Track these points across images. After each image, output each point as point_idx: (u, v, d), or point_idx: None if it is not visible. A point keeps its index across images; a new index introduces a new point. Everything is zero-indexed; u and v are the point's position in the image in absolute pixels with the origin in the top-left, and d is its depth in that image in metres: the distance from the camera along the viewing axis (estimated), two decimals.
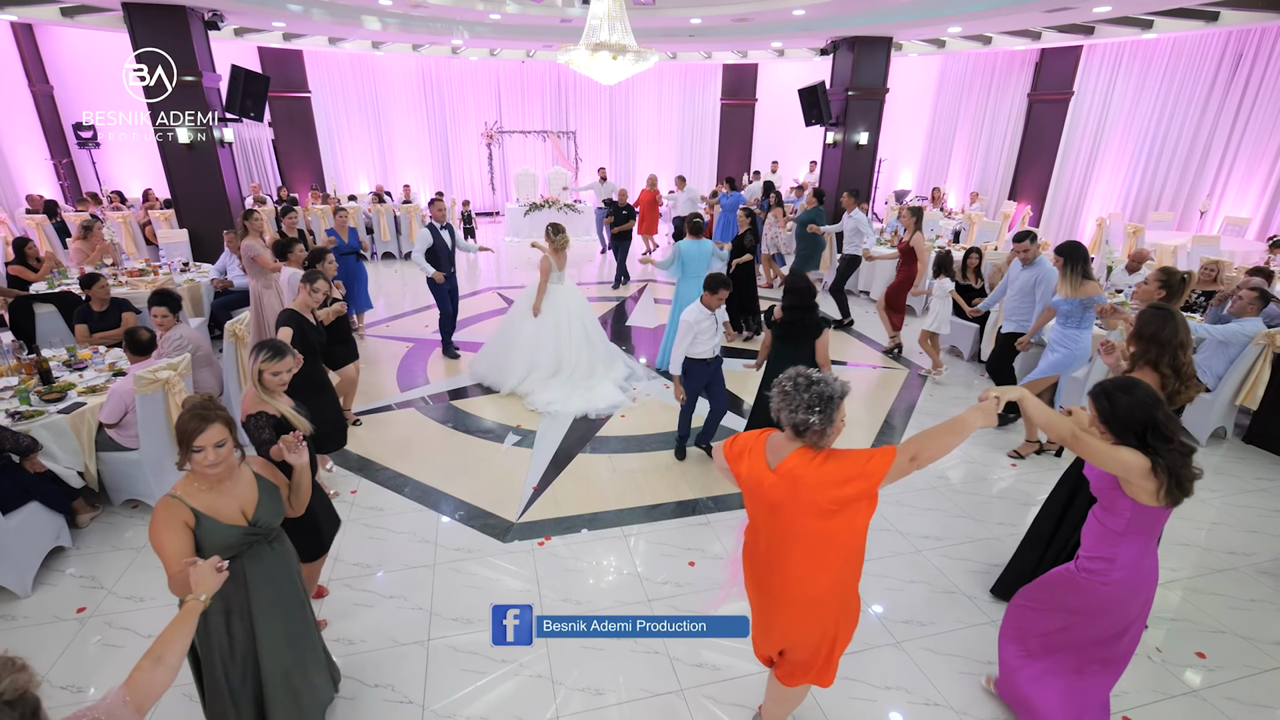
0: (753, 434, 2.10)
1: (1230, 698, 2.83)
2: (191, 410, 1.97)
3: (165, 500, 1.97)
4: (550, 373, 5.73)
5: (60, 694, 2.80)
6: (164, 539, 1.91)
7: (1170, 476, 1.98)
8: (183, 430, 1.95)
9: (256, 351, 2.57)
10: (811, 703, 2.78)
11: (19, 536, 3.34)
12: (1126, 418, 2.03)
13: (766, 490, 1.97)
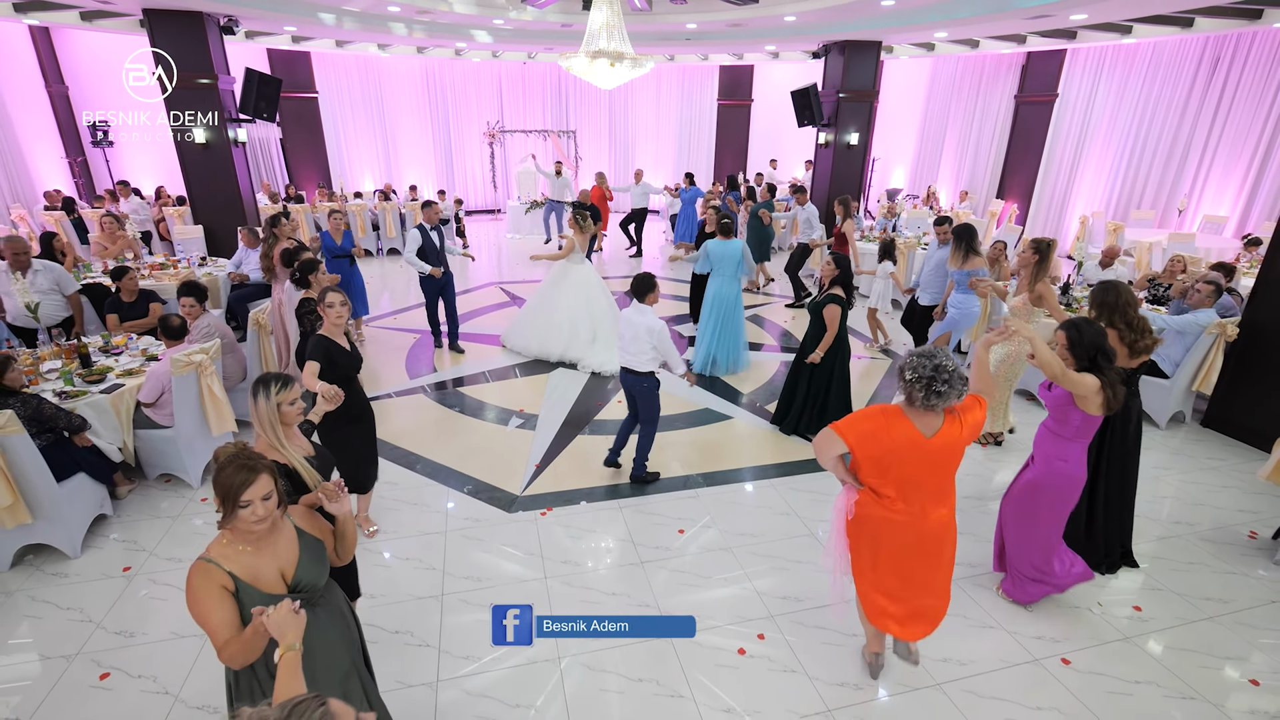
0: (876, 411, 2.46)
1: (1159, 644, 3.18)
2: (234, 461, 1.77)
3: (200, 565, 1.77)
4: (589, 339, 6.50)
5: (114, 638, 3.14)
6: (206, 608, 1.72)
7: (1111, 390, 2.79)
8: (227, 484, 1.74)
9: (264, 389, 2.30)
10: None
11: (70, 503, 3.68)
12: (1090, 344, 2.84)
13: (924, 453, 2.39)
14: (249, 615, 1.72)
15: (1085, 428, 2.95)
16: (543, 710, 2.76)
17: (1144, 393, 5.39)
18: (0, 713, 2.73)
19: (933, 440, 2.37)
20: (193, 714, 2.75)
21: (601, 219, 11.09)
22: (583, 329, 6.50)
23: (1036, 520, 3.16)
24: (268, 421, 2.31)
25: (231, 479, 1.74)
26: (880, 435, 2.40)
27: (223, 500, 1.76)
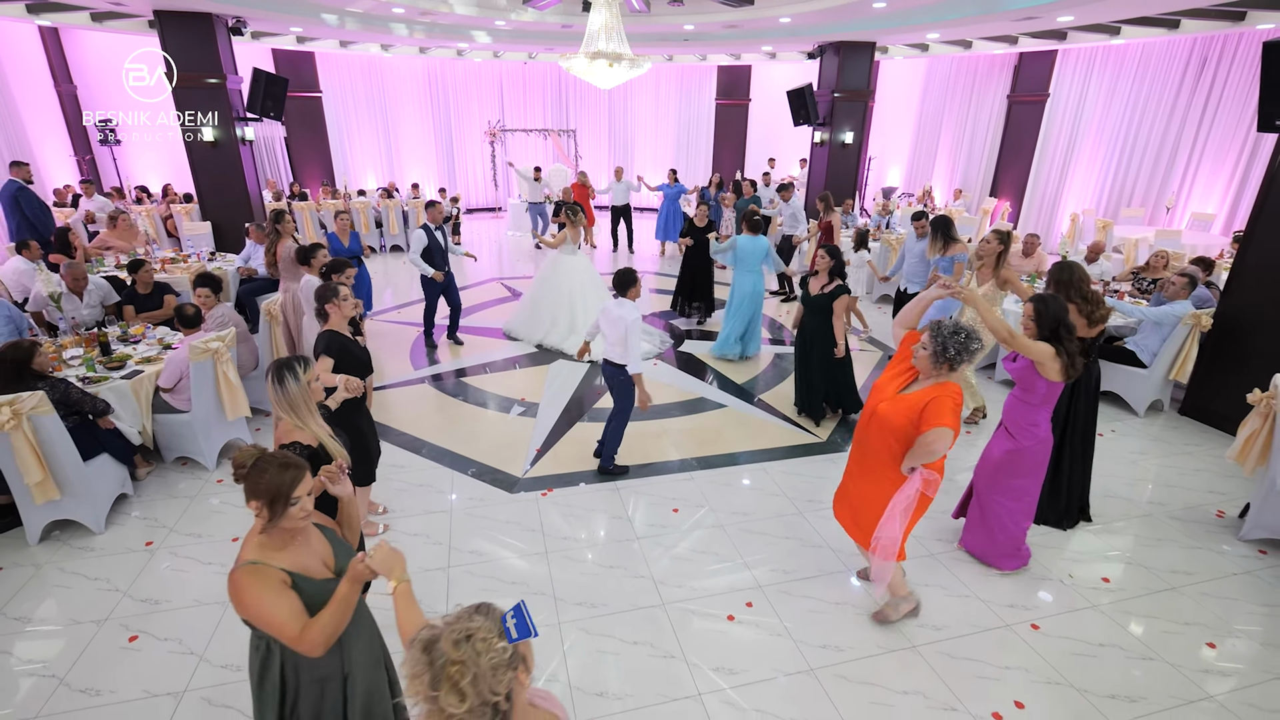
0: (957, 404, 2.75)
1: (1125, 611, 3.37)
2: (272, 462, 1.78)
3: (248, 569, 1.73)
4: (569, 328, 6.86)
5: (140, 605, 3.34)
6: (269, 604, 1.70)
7: (1069, 359, 3.08)
8: (276, 484, 1.74)
9: (291, 373, 2.30)
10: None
11: (94, 481, 3.88)
12: (1053, 316, 3.12)
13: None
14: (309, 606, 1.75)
15: (1050, 394, 3.24)
16: (543, 667, 2.96)
17: (1123, 382, 5.62)
18: (39, 671, 2.93)
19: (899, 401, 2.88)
20: (217, 672, 2.95)
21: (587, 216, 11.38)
22: (574, 318, 6.92)
23: (1016, 485, 3.44)
24: (301, 401, 2.31)
25: (280, 478, 1.75)
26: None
27: (271, 501, 1.74)
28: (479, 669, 1.23)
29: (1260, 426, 3.79)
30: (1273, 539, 3.84)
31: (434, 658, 1.24)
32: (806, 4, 8.21)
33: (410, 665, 1.26)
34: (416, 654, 1.26)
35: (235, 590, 1.72)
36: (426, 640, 1.27)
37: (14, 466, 3.53)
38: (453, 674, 1.22)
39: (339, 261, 4.55)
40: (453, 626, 1.27)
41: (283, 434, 2.37)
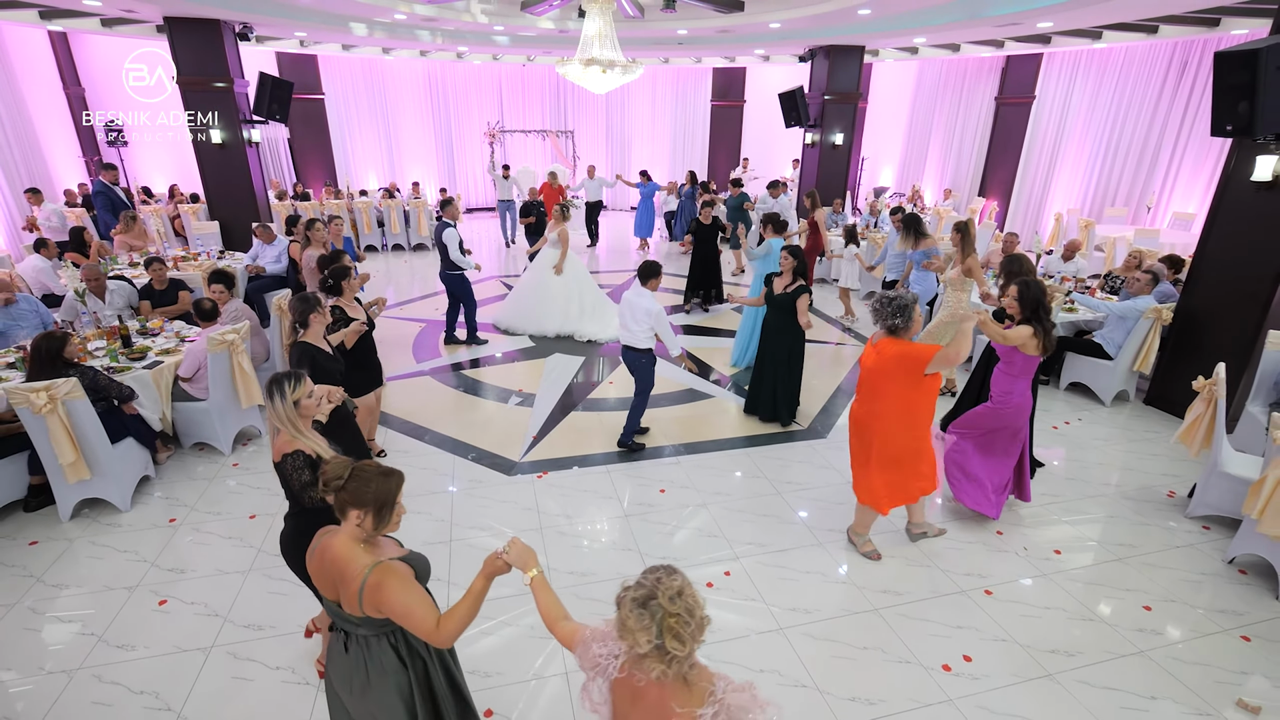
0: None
1: (1072, 579, 3.67)
2: (376, 471, 1.87)
3: (383, 569, 1.81)
4: (579, 314, 7.48)
5: (167, 574, 3.64)
6: (411, 599, 1.79)
7: (1045, 336, 3.60)
8: (384, 492, 1.84)
9: (279, 390, 2.37)
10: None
11: (121, 463, 4.17)
12: (1033, 298, 3.64)
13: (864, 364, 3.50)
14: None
15: (1026, 367, 3.77)
16: (537, 626, 3.25)
17: (1090, 374, 5.91)
18: (78, 629, 3.22)
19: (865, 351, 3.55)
20: (240, 631, 3.24)
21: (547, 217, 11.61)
22: (573, 307, 7.45)
23: (997, 444, 3.96)
24: (285, 418, 2.39)
25: (386, 486, 1.85)
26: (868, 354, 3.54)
27: (379, 508, 1.83)
28: (694, 619, 1.46)
29: (1204, 411, 4.08)
30: (1215, 515, 4.13)
31: (652, 612, 1.45)
32: (795, 10, 8.49)
33: (629, 621, 1.46)
34: (632, 610, 1.46)
35: (378, 593, 1.77)
36: (641, 598, 1.47)
37: (49, 448, 3.83)
38: (673, 625, 1.43)
39: (342, 269, 4.48)
40: (664, 584, 1.47)
41: (283, 444, 2.41)
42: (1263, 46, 4.35)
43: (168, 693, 2.87)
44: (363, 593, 1.79)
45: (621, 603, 1.51)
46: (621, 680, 1.57)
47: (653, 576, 1.51)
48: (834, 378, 6.49)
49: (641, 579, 1.52)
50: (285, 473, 2.40)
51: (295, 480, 2.38)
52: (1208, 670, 3.04)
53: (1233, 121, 4.69)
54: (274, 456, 2.45)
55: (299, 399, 2.41)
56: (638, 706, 1.56)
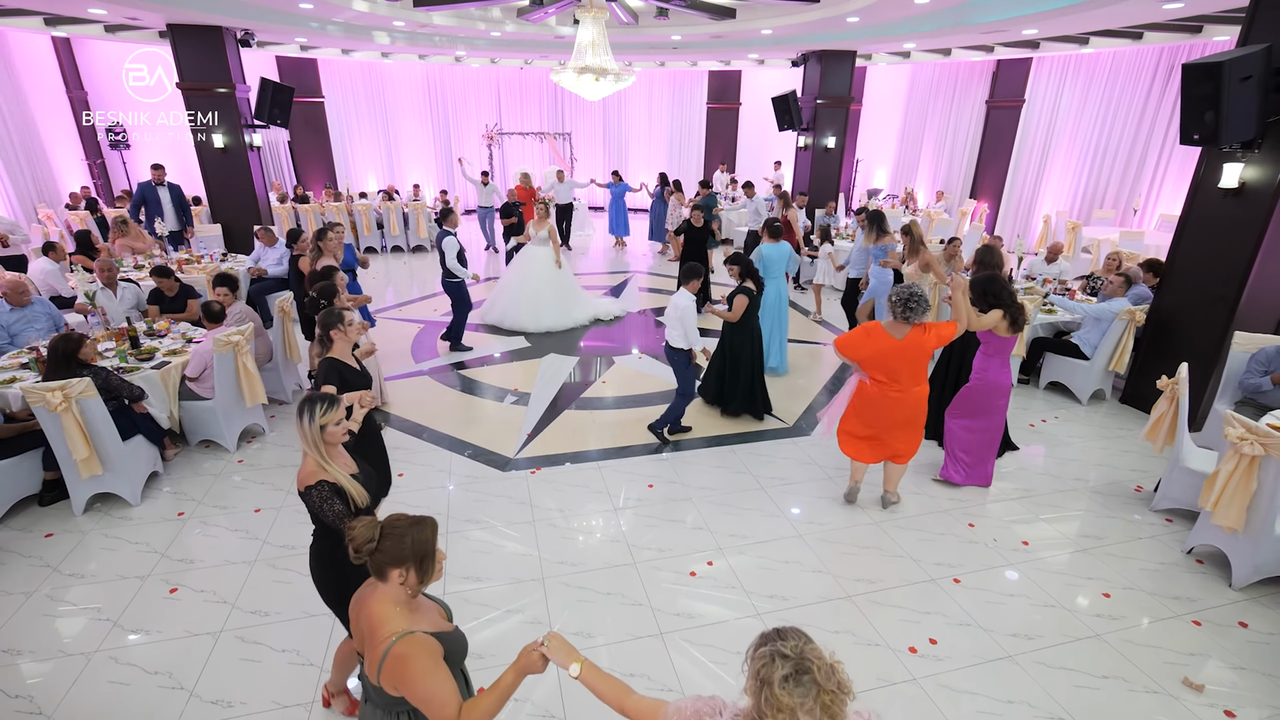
0: (859, 331, 3.91)
1: (1038, 569, 3.86)
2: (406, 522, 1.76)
3: (412, 640, 1.68)
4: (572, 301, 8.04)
5: (177, 564, 3.82)
6: (438, 681, 1.66)
7: (1012, 315, 4.09)
8: (424, 542, 1.74)
9: (309, 410, 2.25)
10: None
11: (131, 459, 4.36)
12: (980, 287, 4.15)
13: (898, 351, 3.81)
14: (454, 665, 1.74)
15: (1001, 347, 4.27)
16: (528, 613, 3.44)
17: (1067, 373, 6.11)
18: (94, 616, 3.41)
19: (899, 342, 3.79)
20: (248, 616, 3.43)
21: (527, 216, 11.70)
22: (566, 294, 8.02)
23: (979, 419, 4.47)
24: (311, 441, 2.27)
25: (423, 535, 1.74)
26: (863, 343, 3.89)
27: (421, 560, 1.73)
28: (845, 695, 1.35)
29: (1167, 409, 4.27)
30: (1177, 508, 4.32)
31: (806, 688, 1.32)
32: (786, 17, 8.68)
33: (786, 698, 1.32)
34: (789, 687, 1.32)
35: (400, 667, 1.65)
36: (793, 673, 1.33)
37: (63, 444, 4.01)
38: (829, 703, 1.32)
39: (329, 287, 4.32)
40: (812, 657, 1.35)
41: (308, 473, 2.29)
42: (1226, 59, 4.54)
43: (180, 673, 3.06)
44: (384, 662, 1.66)
45: (769, 679, 1.34)
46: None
47: (794, 646, 1.37)
48: (819, 378, 6.67)
49: (780, 648, 1.37)
50: (312, 504, 2.29)
51: (327, 511, 2.27)
52: (1158, 652, 3.23)
53: (1200, 130, 4.89)
54: (298, 484, 2.32)
55: (326, 424, 2.28)
56: None
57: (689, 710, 1.55)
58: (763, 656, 1.39)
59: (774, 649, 1.37)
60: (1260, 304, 5.24)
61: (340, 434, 2.36)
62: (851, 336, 3.95)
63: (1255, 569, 3.57)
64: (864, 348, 3.89)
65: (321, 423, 2.27)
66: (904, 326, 3.79)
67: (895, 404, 3.94)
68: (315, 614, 3.43)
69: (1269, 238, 4.97)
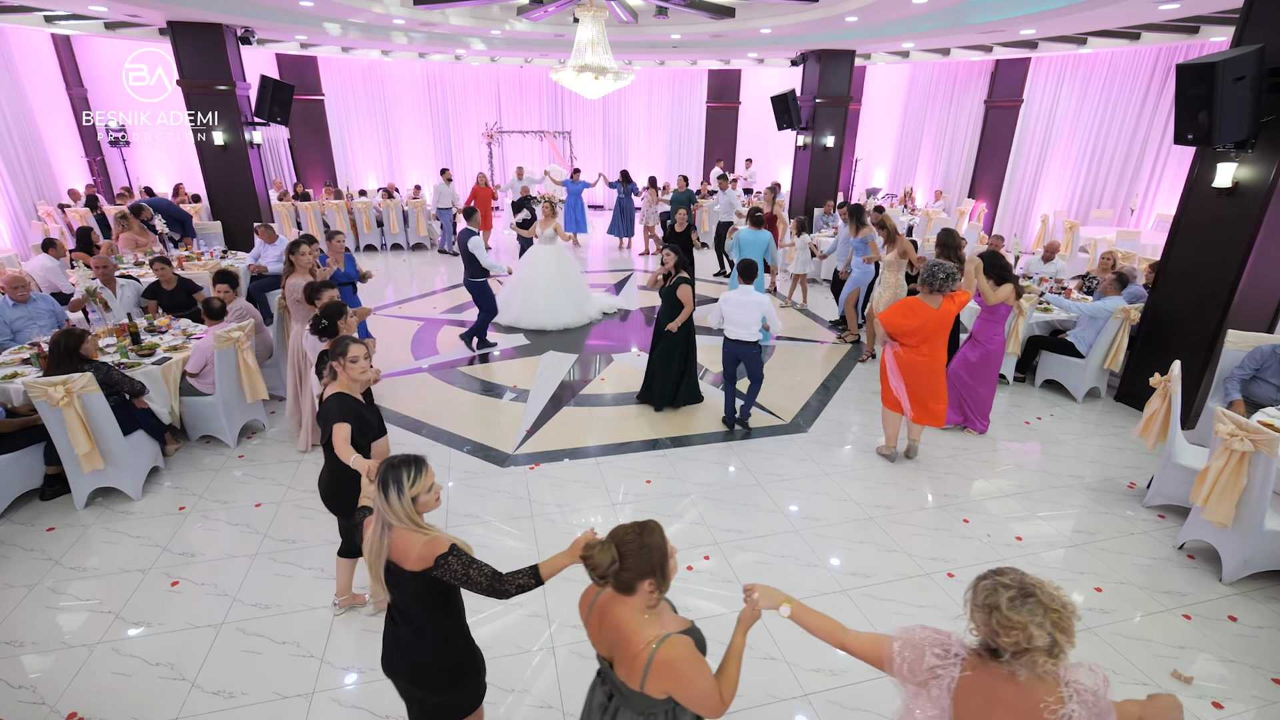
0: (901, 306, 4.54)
1: (1032, 564, 3.89)
2: (636, 531, 1.76)
3: (674, 641, 1.69)
4: (584, 296, 8.27)
5: (179, 557, 3.85)
6: (705, 674, 1.69)
7: (1015, 285, 5.02)
8: (660, 548, 1.75)
9: (395, 483, 1.93)
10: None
11: (132, 454, 4.39)
12: (992, 264, 5.01)
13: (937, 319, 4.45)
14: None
15: (1002, 314, 5.09)
16: (527, 606, 3.47)
17: (1063, 371, 6.15)
18: (96, 608, 3.44)
19: (938, 311, 4.42)
20: (249, 609, 3.46)
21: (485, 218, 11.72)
22: (577, 291, 8.16)
23: (981, 377, 5.24)
24: (405, 516, 1.96)
25: (657, 540, 1.75)
26: (908, 317, 4.45)
27: (662, 566, 1.74)
28: (1073, 613, 1.47)
29: (1160, 406, 4.31)
30: (1169, 504, 4.37)
31: (1031, 608, 1.44)
32: (784, 17, 8.71)
33: (1016, 616, 1.43)
34: (1016, 606, 1.44)
35: (670, 670, 1.66)
36: (1017, 595, 1.45)
37: (65, 439, 4.04)
38: (1058, 620, 1.44)
39: (336, 306, 3.78)
40: (1034, 581, 1.49)
41: (423, 550, 1.95)
42: (1219, 60, 4.58)
43: (182, 664, 3.10)
44: (649, 669, 1.67)
45: (996, 604, 1.46)
46: (967, 683, 1.53)
47: (1013, 576, 1.49)
48: (817, 375, 6.71)
49: (999, 580, 1.50)
50: (454, 575, 1.96)
51: (475, 575, 1.97)
52: (1149, 645, 3.27)
53: (1193, 131, 4.93)
54: (414, 566, 1.95)
55: (418, 494, 1.98)
56: (995, 708, 1.49)
57: (918, 638, 1.63)
58: (985, 589, 1.51)
59: (994, 581, 1.51)
60: (1253, 302, 5.28)
61: (434, 503, 2.04)
62: (895, 312, 4.53)
63: (1245, 563, 3.62)
64: (910, 320, 4.46)
65: (413, 494, 1.96)
66: (937, 297, 4.41)
67: (927, 365, 4.55)
68: (315, 606, 3.47)
69: (1262, 237, 5.01)
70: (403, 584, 2.01)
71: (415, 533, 1.98)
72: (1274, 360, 4.59)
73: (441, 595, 2.07)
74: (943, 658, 1.57)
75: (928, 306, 4.43)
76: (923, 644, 1.60)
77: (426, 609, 2.07)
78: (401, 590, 2.03)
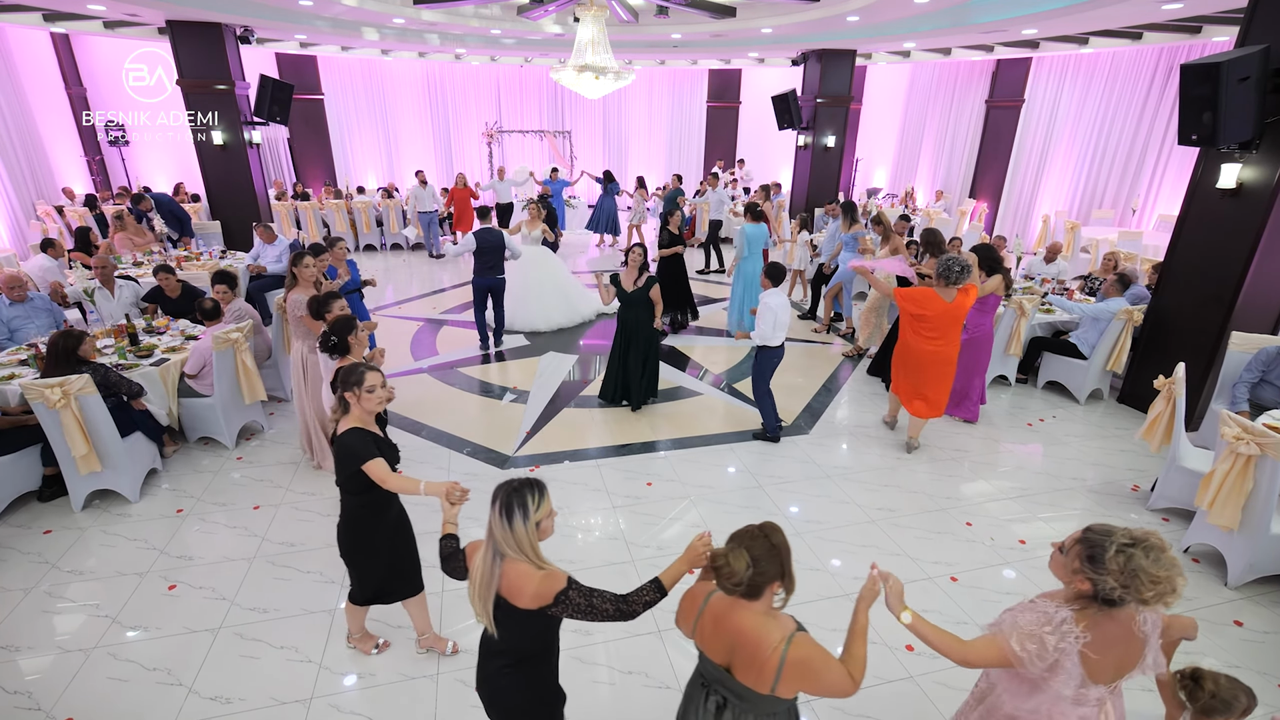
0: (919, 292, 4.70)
1: (1035, 568, 3.87)
2: (762, 538, 1.77)
3: (800, 640, 1.72)
4: (578, 296, 8.22)
5: (176, 560, 3.83)
6: (833, 664, 1.73)
7: (1005, 276, 5.28)
8: (785, 547, 1.78)
9: (520, 509, 1.80)
10: None
11: (130, 456, 4.36)
12: (985, 258, 5.18)
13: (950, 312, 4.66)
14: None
15: (992, 304, 5.35)
16: None
17: (1065, 373, 6.12)
18: (93, 612, 3.42)
19: (951, 304, 4.62)
20: (246, 613, 3.43)
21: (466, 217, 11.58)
22: (570, 291, 8.14)
23: (971, 365, 5.40)
24: (527, 546, 1.82)
25: (783, 540, 1.78)
26: (922, 303, 4.67)
27: (788, 567, 1.77)
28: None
29: (1164, 408, 4.28)
30: (1174, 508, 4.34)
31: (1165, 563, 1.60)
32: (785, 16, 8.68)
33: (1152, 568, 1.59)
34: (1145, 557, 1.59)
35: (804, 669, 1.68)
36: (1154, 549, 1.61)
37: (63, 441, 4.01)
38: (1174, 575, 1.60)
39: (345, 321, 3.55)
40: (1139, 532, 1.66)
41: (542, 586, 1.82)
42: (1224, 60, 4.55)
43: (179, 669, 3.07)
44: (782, 670, 1.68)
45: (1138, 566, 1.59)
46: (1089, 643, 1.67)
47: (1125, 534, 1.66)
48: (818, 377, 6.69)
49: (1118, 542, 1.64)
50: (577, 609, 1.85)
51: (599, 604, 1.86)
52: None
53: (1198, 131, 4.90)
54: (532, 604, 1.82)
55: (541, 519, 1.85)
56: (1114, 647, 1.70)
57: (1025, 625, 1.73)
58: (1116, 558, 1.63)
59: (1117, 546, 1.64)
60: (1257, 304, 5.25)
61: (551, 529, 1.91)
62: (913, 293, 4.74)
63: (1250, 568, 3.59)
64: (923, 309, 4.69)
65: (537, 519, 1.83)
66: (951, 290, 4.61)
67: (936, 356, 4.76)
68: (313, 611, 3.45)
69: (1266, 238, 4.98)
70: (513, 621, 1.87)
71: (530, 567, 1.83)
72: (1279, 363, 4.57)
73: (550, 632, 1.99)
74: (1057, 632, 1.67)
75: (941, 299, 4.63)
76: (1034, 630, 1.70)
77: (529, 647, 1.97)
78: (507, 627, 1.88)
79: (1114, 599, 1.66)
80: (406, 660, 3.17)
